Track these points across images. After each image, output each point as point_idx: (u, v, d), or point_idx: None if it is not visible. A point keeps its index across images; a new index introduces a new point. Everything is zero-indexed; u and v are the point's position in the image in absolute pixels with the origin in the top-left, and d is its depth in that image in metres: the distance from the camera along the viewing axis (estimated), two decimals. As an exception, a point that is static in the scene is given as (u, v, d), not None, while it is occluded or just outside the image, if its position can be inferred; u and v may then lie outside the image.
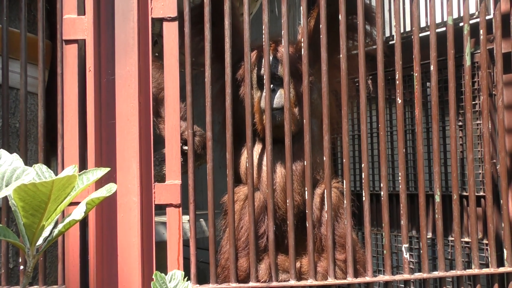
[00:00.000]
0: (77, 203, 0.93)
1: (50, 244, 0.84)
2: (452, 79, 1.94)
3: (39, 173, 0.87)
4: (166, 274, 1.21)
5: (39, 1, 1.87)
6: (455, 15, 2.20)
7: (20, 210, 0.79)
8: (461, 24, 2.06)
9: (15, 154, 0.85)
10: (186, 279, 1.23)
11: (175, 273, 1.20)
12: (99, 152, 1.75)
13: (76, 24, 1.79)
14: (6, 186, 0.76)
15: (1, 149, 0.85)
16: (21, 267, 1.81)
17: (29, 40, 1.94)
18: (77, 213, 0.84)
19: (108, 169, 0.95)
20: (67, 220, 0.85)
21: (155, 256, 1.78)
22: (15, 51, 1.98)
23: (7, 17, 1.91)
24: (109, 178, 1.69)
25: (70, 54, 1.80)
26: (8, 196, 0.81)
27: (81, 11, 1.81)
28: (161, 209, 1.90)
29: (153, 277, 1.19)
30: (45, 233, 0.85)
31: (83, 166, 1.77)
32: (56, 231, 0.86)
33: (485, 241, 2.19)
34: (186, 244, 1.83)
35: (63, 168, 1.80)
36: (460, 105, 2.23)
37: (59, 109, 1.82)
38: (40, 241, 0.85)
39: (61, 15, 1.82)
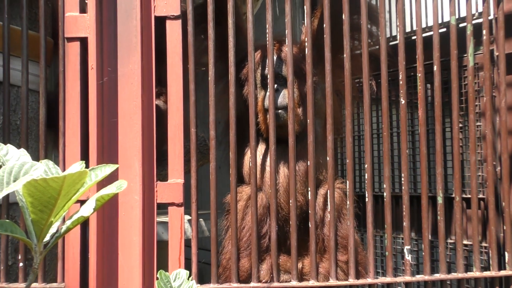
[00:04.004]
0: (81, 201, 0.91)
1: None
2: (455, 79, 1.93)
3: (46, 169, 0.86)
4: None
5: (40, -1, 1.86)
6: (458, 16, 2.19)
7: (29, 206, 0.77)
8: (461, 25, 2.05)
9: (22, 149, 0.84)
10: (190, 278, 1.22)
11: (180, 272, 1.19)
12: (101, 150, 1.74)
13: (78, 22, 1.78)
14: (14, 181, 0.75)
15: (8, 144, 0.83)
16: (21, 264, 1.80)
17: (31, 38, 1.93)
18: (86, 210, 0.83)
19: (117, 165, 0.94)
20: (75, 217, 0.83)
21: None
22: (16, 49, 1.97)
23: (9, 14, 1.90)
24: (111, 176, 1.67)
25: (72, 52, 1.79)
26: (16, 191, 0.79)
27: (83, 9, 1.80)
28: (160, 209, 1.88)
29: (157, 275, 1.17)
30: (52, 229, 0.84)
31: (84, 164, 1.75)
32: (64, 227, 0.84)
33: (483, 244, 2.18)
34: (186, 244, 1.82)
35: (64, 166, 1.79)
36: (461, 107, 2.23)
37: (60, 107, 1.81)
38: (47, 238, 0.84)
39: (63, 13, 1.81)
